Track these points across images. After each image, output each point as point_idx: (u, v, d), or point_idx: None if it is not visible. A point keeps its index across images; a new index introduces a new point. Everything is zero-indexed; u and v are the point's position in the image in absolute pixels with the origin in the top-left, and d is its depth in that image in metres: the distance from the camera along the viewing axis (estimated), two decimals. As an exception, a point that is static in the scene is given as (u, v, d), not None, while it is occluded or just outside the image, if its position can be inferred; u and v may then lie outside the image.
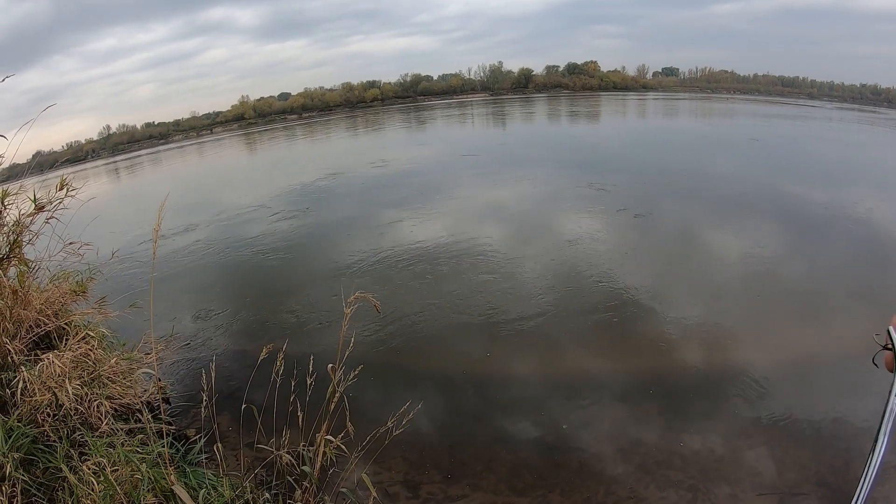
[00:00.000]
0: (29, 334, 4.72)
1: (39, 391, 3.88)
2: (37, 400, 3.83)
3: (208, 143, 54.16)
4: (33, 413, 3.79)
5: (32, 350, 4.61)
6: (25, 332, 4.67)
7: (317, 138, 43.05)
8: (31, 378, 3.91)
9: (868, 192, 13.12)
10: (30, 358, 4.34)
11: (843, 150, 22.01)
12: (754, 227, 10.60)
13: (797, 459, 4.55)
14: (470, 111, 54.83)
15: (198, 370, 6.39)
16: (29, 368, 4.04)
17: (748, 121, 36.47)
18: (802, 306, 7.38)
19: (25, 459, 3.47)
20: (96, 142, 64.31)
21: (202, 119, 72.75)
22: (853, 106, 54.26)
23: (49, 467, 3.49)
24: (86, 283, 6.12)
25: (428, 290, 8.41)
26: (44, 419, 3.79)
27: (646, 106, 53.00)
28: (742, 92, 71.49)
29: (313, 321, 7.71)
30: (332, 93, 78.69)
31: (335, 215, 13.95)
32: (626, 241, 10.27)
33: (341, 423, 3.60)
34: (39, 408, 3.82)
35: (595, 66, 78.44)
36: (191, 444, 4.56)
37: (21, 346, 4.44)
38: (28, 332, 4.72)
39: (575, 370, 6.22)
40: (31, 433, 3.61)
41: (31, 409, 3.80)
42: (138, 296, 6.20)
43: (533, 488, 4.43)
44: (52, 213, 4.98)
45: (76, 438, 3.80)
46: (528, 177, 16.59)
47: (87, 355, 4.62)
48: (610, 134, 31.11)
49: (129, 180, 34.51)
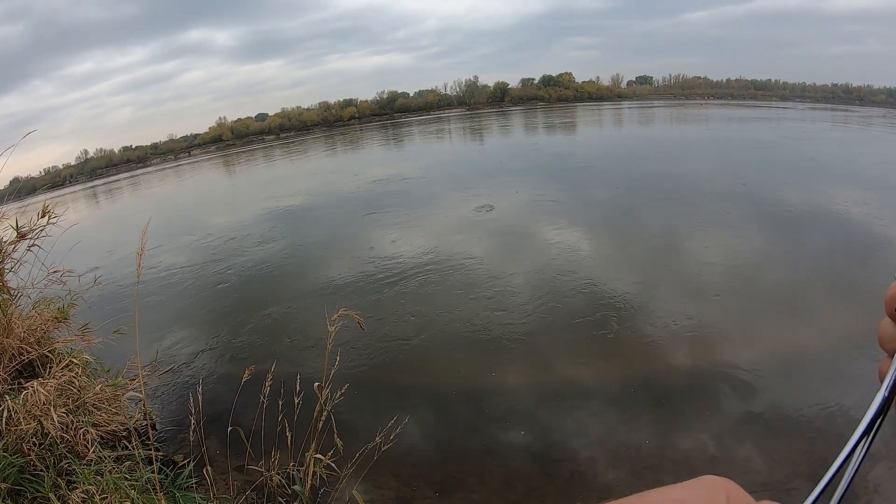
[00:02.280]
0: (12, 363, 4.67)
1: (24, 420, 3.84)
2: (22, 429, 3.79)
3: (186, 166, 53.81)
4: (19, 442, 3.75)
5: (16, 379, 4.56)
6: (8, 361, 4.62)
7: (295, 158, 42.96)
8: (16, 407, 3.88)
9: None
10: (13, 387, 4.29)
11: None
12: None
13: (787, 455, 4.63)
14: (447, 126, 55.17)
15: (183, 395, 6.36)
16: (13, 397, 4.00)
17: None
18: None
19: (12, 490, 3.44)
20: (74, 167, 63.83)
21: (180, 142, 72.49)
22: (826, 105, 55.57)
23: (37, 497, 3.45)
24: (67, 310, 6.05)
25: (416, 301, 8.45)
26: (30, 448, 3.75)
27: (621, 115, 53.76)
28: (716, 97, 73.05)
29: (299, 341, 7.69)
30: (310, 112, 78.99)
31: (315, 236, 13.99)
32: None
33: (330, 441, 3.61)
34: (25, 437, 3.78)
35: (570, 78, 79.83)
36: (179, 469, 4.53)
37: (4, 374, 4.39)
38: (11, 361, 4.66)
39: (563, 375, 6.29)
40: (17, 463, 3.58)
41: (16, 438, 3.76)
42: (121, 322, 6.15)
43: (526, 499, 4.45)
44: (34, 240, 4.95)
45: (63, 467, 3.76)
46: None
47: (71, 382, 4.58)
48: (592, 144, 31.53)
49: (108, 205, 34.11)
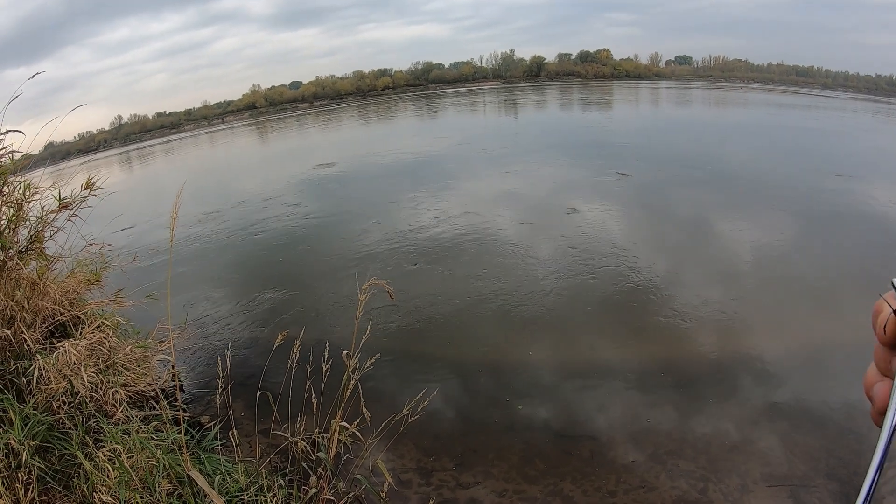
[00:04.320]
0: (45, 324, 4.76)
1: (55, 379, 3.91)
2: (52, 388, 3.86)
3: (220, 132, 54.30)
4: (49, 401, 3.83)
5: (48, 339, 4.65)
6: (41, 322, 4.71)
7: (328, 127, 42.99)
8: (47, 366, 3.94)
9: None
10: (45, 347, 4.37)
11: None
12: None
13: (808, 450, 4.50)
14: (482, 99, 54.46)
15: (211, 358, 6.45)
16: (45, 357, 4.07)
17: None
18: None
19: (41, 447, 3.51)
20: (108, 132, 64.70)
21: (213, 108, 72.92)
22: (868, 97, 53.18)
23: (64, 454, 3.52)
24: (100, 273, 6.15)
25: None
26: (59, 407, 3.82)
27: (659, 94, 52.30)
28: (756, 81, 70.31)
29: (328, 308, 7.73)
30: (344, 81, 78.49)
31: (350, 204, 13.98)
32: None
33: (355, 409, 3.59)
34: (55, 395, 3.85)
35: (608, 54, 77.49)
36: (205, 431, 4.59)
37: (37, 335, 4.48)
38: (44, 322, 4.75)
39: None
40: (46, 421, 3.64)
41: (46, 396, 3.83)
42: (154, 287, 6.22)
43: (544, 476, 4.42)
44: (74, 210, 4.98)
45: (91, 426, 3.82)
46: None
47: (101, 343, 4.66)
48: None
49: (142, 170, 34.72)
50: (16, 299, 4.47)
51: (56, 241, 5.18)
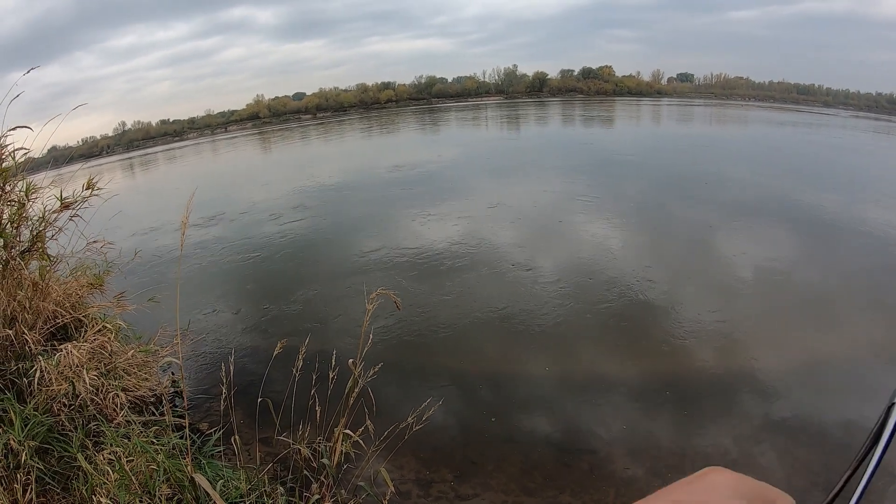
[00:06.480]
0: (46, 325, 4.75)
1: (56, 381, 3.89)
2: (53, 389, 3.85)
3: (223, 141, 54.48)
4: (49, 402, 3.81)
5: (49, 341, 4.63)
6: (43, 323, 4.70)
7: (331, 139, 43.15)
8: (49, 368, 3.93)
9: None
10: (46, 348, 4.36)
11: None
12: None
13: (807, 465, 4.48)
14: (484, 114, 54.71)
15: (213, 365, 6.43)
16: (46, 358, 4.05)
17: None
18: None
19: (41, 448, 3.49)
20: (111, 137, 64.88)
21: (217, 117, 73.29)
22: (868, 115, 53.49)
23: (64, 456, 3.50)
24: (103, 276, 6.14)
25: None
26: (59, 409, 3.80)
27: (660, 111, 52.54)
28: (757, 99, 70.79)
29: (332, 318, 7.71)
30: (347, 93, 79.02)
31: (352, 215, 14.01)
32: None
33: (356, 419, 3.57)
34: (56, 397, 3.83)
35: (610, 71, 78.08)
36: (206, 436, 4.56)
37: (39, 336, 4.46)
38: (45, 323, 4.74)
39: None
40: (46, 422, 3.63)
41: (47, 398, 3.81)
42: (156, 291, 6.21)
43: (543, 488, 4.38)
44: (76, 210, 4.99)
45: (91, 428, 3.80)
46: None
47: (103, 347, 4.64)
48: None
49: (145, 177, 34.80)
50: (18, 299, 4.46)
51: (58, 241, 5.19)
